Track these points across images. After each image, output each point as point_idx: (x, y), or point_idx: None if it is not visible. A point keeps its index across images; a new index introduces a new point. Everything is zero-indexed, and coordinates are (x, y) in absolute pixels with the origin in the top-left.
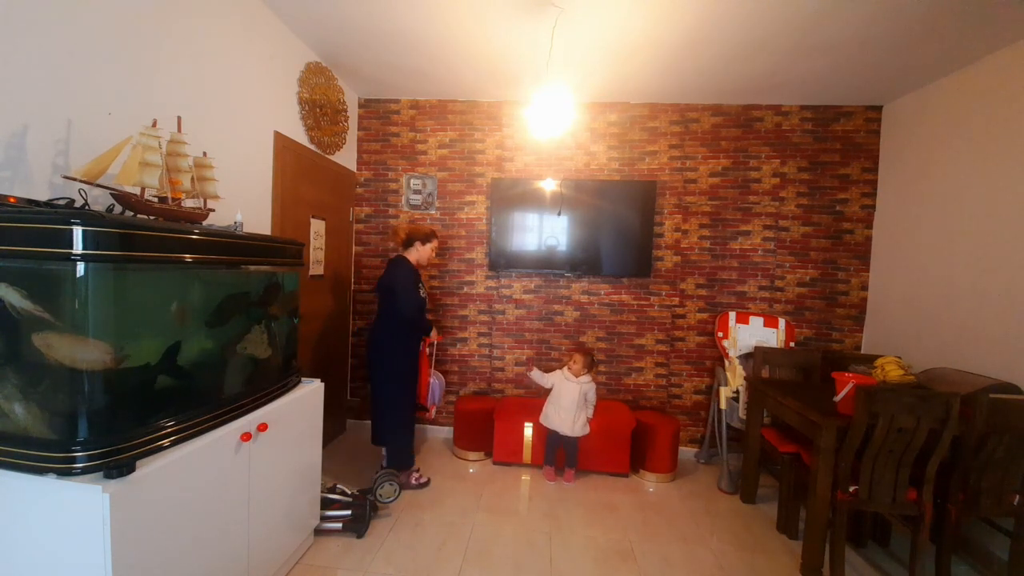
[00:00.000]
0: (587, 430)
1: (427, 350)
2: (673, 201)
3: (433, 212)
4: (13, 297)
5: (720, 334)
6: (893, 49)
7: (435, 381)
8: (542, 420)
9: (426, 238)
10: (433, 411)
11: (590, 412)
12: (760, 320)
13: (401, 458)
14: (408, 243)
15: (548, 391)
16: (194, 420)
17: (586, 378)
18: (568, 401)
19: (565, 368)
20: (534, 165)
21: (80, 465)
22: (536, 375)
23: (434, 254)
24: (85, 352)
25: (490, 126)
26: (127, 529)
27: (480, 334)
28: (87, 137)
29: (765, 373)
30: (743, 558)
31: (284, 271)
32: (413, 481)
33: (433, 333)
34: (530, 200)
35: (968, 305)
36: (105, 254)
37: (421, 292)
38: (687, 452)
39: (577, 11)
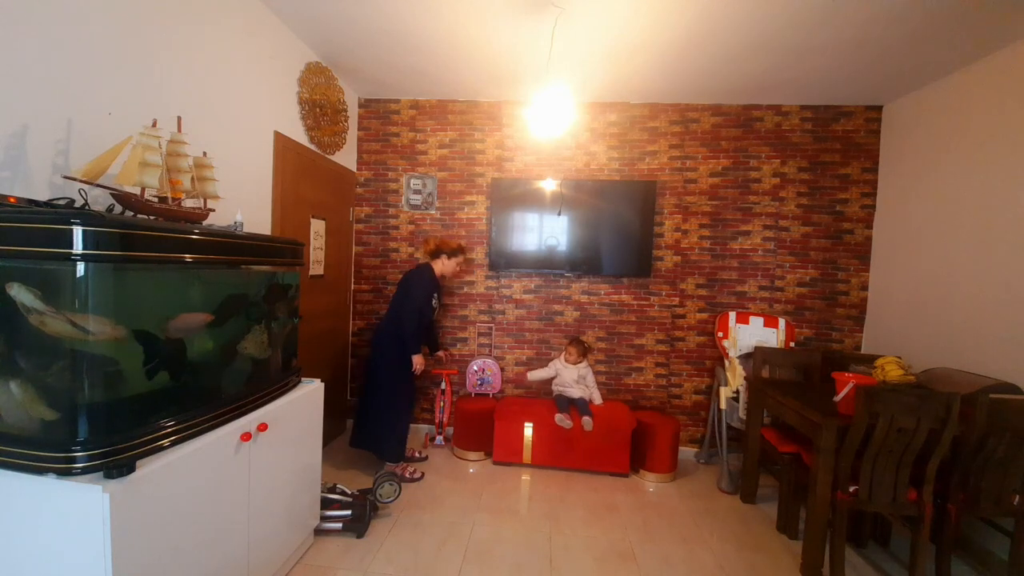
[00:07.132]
0: (598, 399)
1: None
2: (673, 201)
3: (433, 212)
4: (26, 297)
5: (720, 334)
6: (893, 49)
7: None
8: (556, 391)
9: (453, 252)
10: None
11: (595, 393)
12: (760, 320)
13: (398, 450)
14: (436, 254)
15: (551, 380)
16: (194, 420)
17: (582, 363)
18: (569, 380)
19: (561, 358)
20: (534, 165)
21: (80, 465)
22: (533, 374)
23: (459, 269)
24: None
25: (490, 126)
26: (127, 529)
27: (480, 334)
28: (87, 137)
29: (765, 373)
30: (743, 558)
31: (284, 271)
32: (407, 475)
33: (416, 360)
34: (530, 200)
35: (968, 305)
36: (105, 254)
37: (433, 303)
38: (687, 452)
39: (577, 11)
